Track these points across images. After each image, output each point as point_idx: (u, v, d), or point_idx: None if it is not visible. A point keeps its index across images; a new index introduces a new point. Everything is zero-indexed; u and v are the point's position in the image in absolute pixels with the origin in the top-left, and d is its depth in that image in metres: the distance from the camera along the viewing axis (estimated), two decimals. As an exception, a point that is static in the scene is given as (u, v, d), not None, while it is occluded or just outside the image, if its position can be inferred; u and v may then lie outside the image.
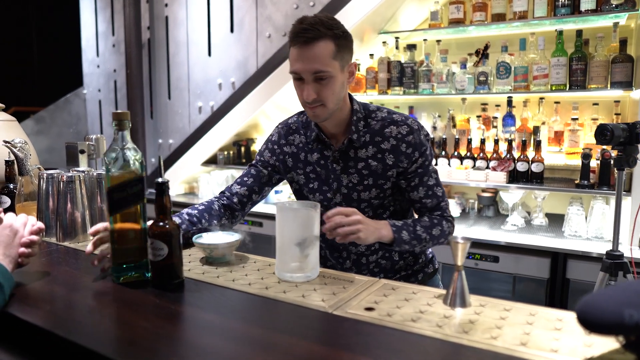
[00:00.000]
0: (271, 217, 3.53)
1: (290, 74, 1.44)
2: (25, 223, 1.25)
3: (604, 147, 2.59)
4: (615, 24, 2.75)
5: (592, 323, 0.78)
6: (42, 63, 7.12)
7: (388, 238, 1.41)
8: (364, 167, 1.52)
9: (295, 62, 1.40)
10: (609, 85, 2.73)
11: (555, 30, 2.88)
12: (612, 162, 2.61)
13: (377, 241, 1.40)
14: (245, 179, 1.66)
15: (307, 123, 1.61)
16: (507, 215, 3.08)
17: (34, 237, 1.23)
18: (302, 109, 1.56)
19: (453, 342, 0.92)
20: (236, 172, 4.24)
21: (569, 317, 1.02)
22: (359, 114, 1.52)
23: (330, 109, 1.44)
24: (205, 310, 1.07)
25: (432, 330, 0.96)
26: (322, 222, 1.30)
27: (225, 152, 4.13)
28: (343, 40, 1.42)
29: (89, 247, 1.29)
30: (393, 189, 1.55)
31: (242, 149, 4.11)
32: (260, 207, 3.65)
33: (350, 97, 1.54)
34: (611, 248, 2.12)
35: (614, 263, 2.07)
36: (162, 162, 1.21)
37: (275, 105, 3.83)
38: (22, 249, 1.20)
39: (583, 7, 2.73)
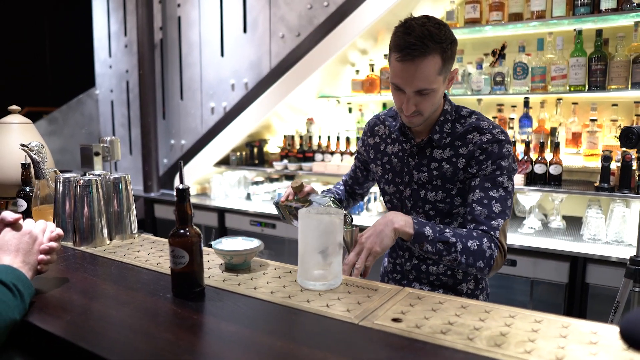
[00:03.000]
0: (284, 219, 3.50)
1: (390, 83, 1.38)
2: (44, 229, 1.23)
3: (625, 149, 2.53)
4: (637, 23, 2.69)
5: (636, 340, 0.75)
6: (54, 64, 7.15)
7: (407, 230, 1.33)
8: (436, 167, 1.48)
9: (397, 77, 1.33)
10: (629, 86, 2.68)
11: (574, 29, 2.84)
12: (633, 164, 2.56)
13: (395, 236, 1.34)
14: (352, 168, 1.83)
15: (396, 113, 1.60)
16: (524, 218, 3.03)
17: (53, 244, 1.21)
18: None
19: (486, 357, 0.89)
20: (249, 173, 4.22)
21: (604, 331, 0.99)
22: (447, 116, 1.48)
23: (426, 117, 1.42)
24: (228, 321, 1.04)
25: (463, 344, 0.93)
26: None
27: (238, 153, 4.11)
28: (449, 51, 1.32)
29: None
30: (462, 196, 1.49)
31: (255, 149, 4.10)
32: (272, 209, 3.63)
33: (445, 97, 1.49)
34: (635, 254, 2.07)
35: (639, 269, 2.02)
36: (182, 167, 1.18)
37: (289, 106, 3.81)
38: (42, 256, 1.18)
39: (603, 6, 2.68)
